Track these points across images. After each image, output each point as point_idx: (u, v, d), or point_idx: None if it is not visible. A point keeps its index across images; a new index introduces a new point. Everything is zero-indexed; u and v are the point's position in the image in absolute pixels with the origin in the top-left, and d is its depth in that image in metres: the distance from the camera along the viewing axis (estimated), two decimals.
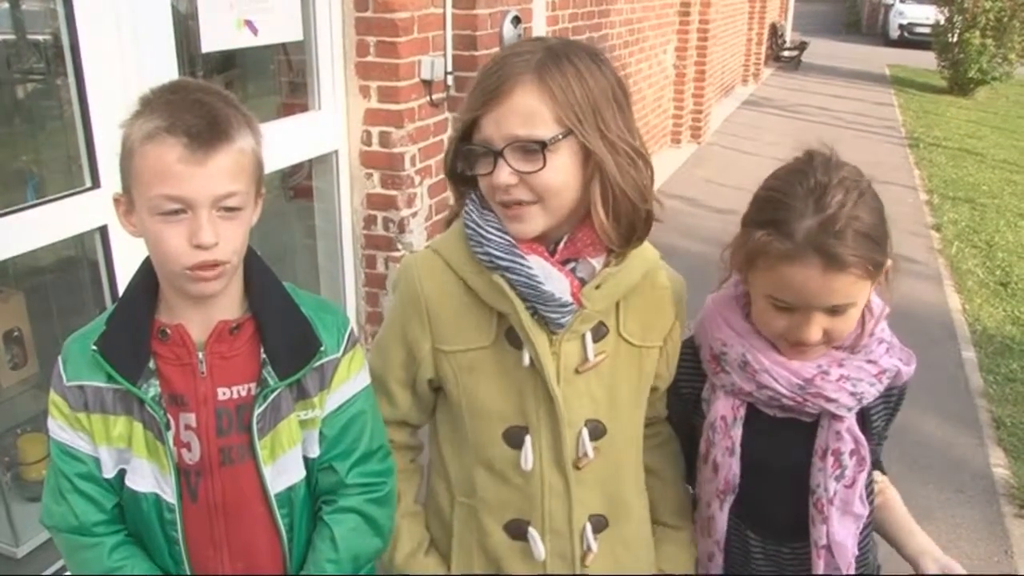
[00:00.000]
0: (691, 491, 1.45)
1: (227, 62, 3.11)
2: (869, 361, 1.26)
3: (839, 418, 1.25)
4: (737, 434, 1.30)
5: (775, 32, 15.92)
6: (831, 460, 1.26)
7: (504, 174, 1.11)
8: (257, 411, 1.15)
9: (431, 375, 1.27)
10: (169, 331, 1.14)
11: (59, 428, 1.16)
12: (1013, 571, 2.71)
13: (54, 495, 1.17)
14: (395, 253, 3.29)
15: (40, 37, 2.56)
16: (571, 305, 1.16)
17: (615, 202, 1.13)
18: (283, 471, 1.20)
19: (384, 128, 3.14)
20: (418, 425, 1.38)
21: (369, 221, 3.28)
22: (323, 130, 3.11)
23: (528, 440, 1.22)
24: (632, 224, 1.16)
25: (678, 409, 1.42)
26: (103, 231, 2.22)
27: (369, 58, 3.08)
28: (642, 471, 1.37)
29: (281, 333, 1.18)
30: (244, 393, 1.16)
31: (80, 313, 2.62)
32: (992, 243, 6.12)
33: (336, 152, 3.18)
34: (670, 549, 1.40)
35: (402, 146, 3.15)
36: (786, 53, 16.29)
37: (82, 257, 2.47)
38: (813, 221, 1.14)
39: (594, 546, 1.27)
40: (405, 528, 1.33)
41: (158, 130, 1.04)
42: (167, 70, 2.36)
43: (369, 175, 3.21)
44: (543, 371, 1.19)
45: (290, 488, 1.21)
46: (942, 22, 14.24)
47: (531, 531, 1.25)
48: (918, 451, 3.29)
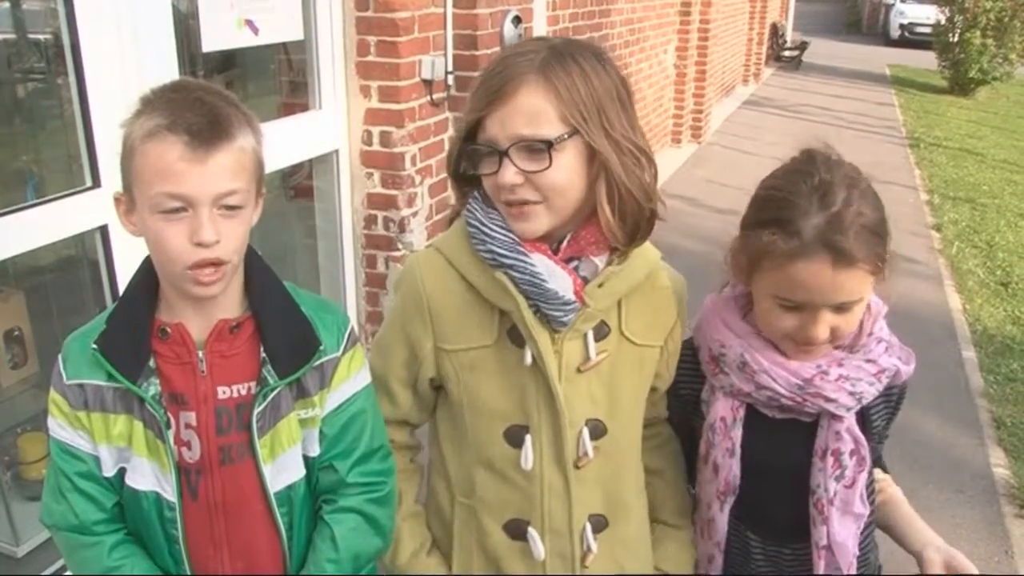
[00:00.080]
0: (692, 492, 1.45)
1: (227, 62, 3.11)
2: (868, 360, 1.26)
3: (839, 418, 1.25)
4: (737, 435, 1.29)
5: (776, 32, 15.91)
6: (831, 460, 1.26)
7: (510, 174, 1.11)
8: (257, 410, 1.15)
9: (432, 374, 1.27)
10: (169, 330, 1.14)
11: (59, 427, 1.16)
12: (1013, 571, 2.71)
13: (54, 494, 1.17)
14: (395, 253, 3.29)
15: (40, 36, 2.56)
16: (574, 303, 1.16)
17: (621, 201, 1.14)
18: (283, 470, 1.20)
19: (385, 128, 3.14)
20: (418, 424, 1.38)
21: (369, 221, 3.28)
22: (324, 130, 3.11)
23: (528, 439, 1.22)
24: (636, 223, 1.16)
25: (678, 410, 1.41)
26: (103, 231, 2.23)
27: (370, 58, 3.08)
28: (642, 471, 1.37)
29: (281, 332, 1.18)
30: (244, 392, 1.16)
31: (80, 313, 2.62)
32: (992, 243, 6.12)
33: (336, 152, 3.18)
34: (670, 547, 1.40)
35: (403, 146, 3.15)
36: (787, 53, 16.28)
37: (82, 257, 2.47)
38: (820, 218, 1.13)
39: (594, 546, 1.27)
40: (407, 530, 1.33)
41: (159, 128, 1.04)
42: (167, 70, 2.36)
43: (370, 175, 3.21)
44: (545, 369, 1.19)
45: (290, 487, 1.21)
46: (943, 22, 14.23)
47: (531, 531, 1.25)
48: (918, 451, 3.29)
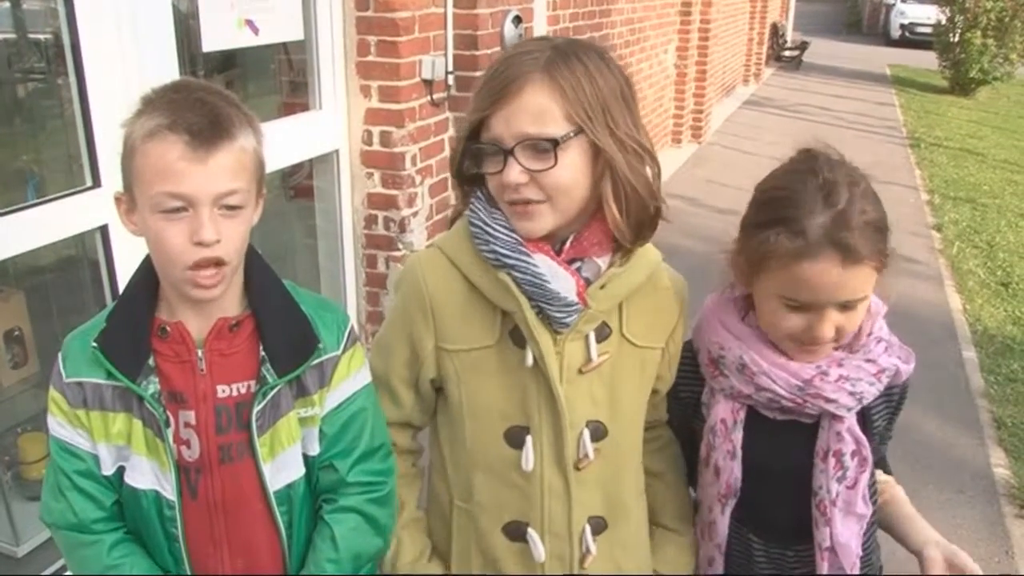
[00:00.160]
0: (693, 494, 1.44)
1: (228, 61, 3.11)
2: (868, 360, 1.26)
3: (839, 419, 1.24)
4: (738, 437, 1.29)
5: (776, 32, 15.91)
6: (832, 461, 1.25)
7: (515, 172, 1.11)
8: (256, 408, 1.15)
9: (433, 375, 1.27)
10: (169, 328, 1.14)
11: (58, 425, 1.16)
12: (1014, 571, 2.71)
13: (53, 492, 1.17)
14: (396, 253, 3.29)
15: (41, 36, 2.57)
16: (576, 305, 1.16)
17: (627, 199, 1.14)
18: (282, 468, 1.20)
19: (385, 127, 3.14)
20: (421, 427, 1.37)
21: (370, 220, 3.28)
22: (324, 129, 3.11)
23: (529, 440, 1.21)
24: (641, 221, 1.17)
25: (678, 413, 1.41)
26: (104, 230, 2.23)
27: (370, 57, 3.08)
28: (642, 474, 1.36)
29: (280, 331, 1.18)
30: (243, 390, 1.16)
31: (80, 312, 2.62)
32: (993, 243, 6.11)
33: (337, 151, 3.18)
34: (669, 552, 1.39)
35: (403, 146, 3.15)
36: (787, 53, 16.28)
37: (83, 256, 2.47)
38: (826, 217, 1.14)
39: (593, 548, 1.26)
40: (408, 536, 1.32)
41: (160, 128, 1.04)
42: (168, 69, 2.36)
43: (370, 174, 3.21)
44: (547, 370, 1.18)
45: (289, 485, 1.21)
46: (943, 22, 14.22)
47: (530, 532, 1.24)
48: (919, 451, 3.28)
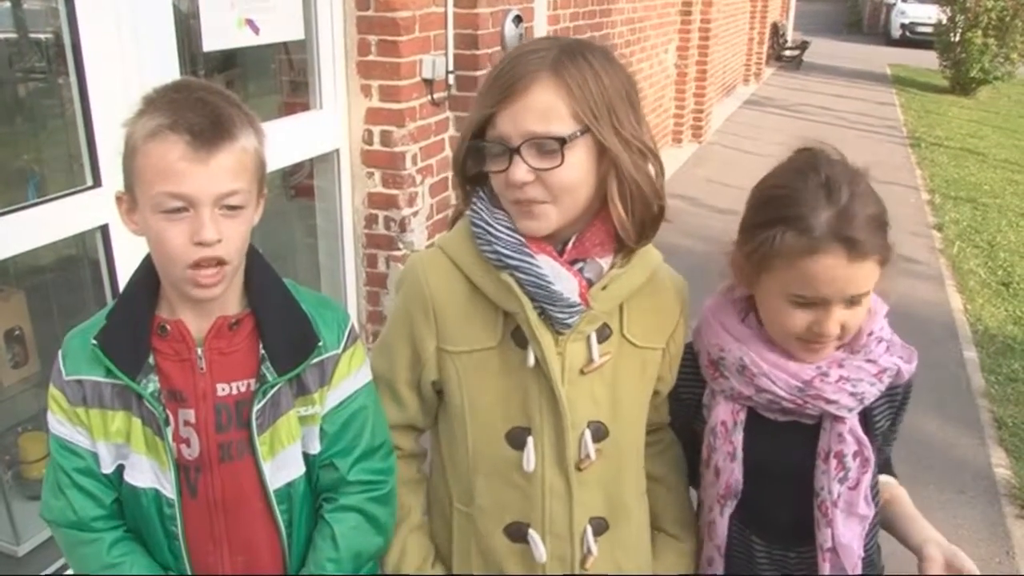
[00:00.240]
0: (696, 495, 1.44)
1: (228, 61, 3.11)
2: (869, 361, 1.25)
3: (841, 420, 1.24)
4: (738, 439, 1.29)
5: (776, 31, 15.90)
6: (834, 462, 1.25)
7: (521, 171, 1.10)
8: (256, 407, 1.15)
9: (434, 376, 1.26)
10: (169, 327, 1.14)
11: (58, 423, 1.16)
12: (1014, 572, 2.71)
13: (53, 490, 1.17)
14: (396, 252, 3.29)
15: (41, 36, 2.57)
16: (579, 306, 1.16)
17: (631, 199, 1.14)
18: (282, 467, 1.20)
19: (385, 127, 3.14)
20: (424, 429, 1.37)
21: (370, 220, 3.27)
22: (324, 129, 3.10)
23: (530, 441, 1.21)
24: (644, 220, 1.17)
25: (679, 415, 1.41)
26: (104, 230, 2.23)
27: (370, 57, 3.08)
28: (643, 474, 1.36)
29: (280, 329, 1.18)
30: (243, 389, 1.16)
31: (81, 312, 2.62)
32: (994, 243, 6.11)
33: (337, 151, 3.18)
34: (669, 559, 1.39)
35: (403, 145, 3.15)
36: (787, 53, 16.27)
37: (83, 256, 2.47)
38: (830, 213, 1.14)
39: (594, 549, 1.26)
40: (413, 542, 1.32)
41: (161, 128, 1.04)
42: (168, 69, 2.36)
43: (370, 174, 3.21)
44: (548, 371, 1.18)
45: (289, 484, 1.21)
46: (944, 21, 14.21)
47: (531, 533, 1.24)
48: (919, 451, 3.28)
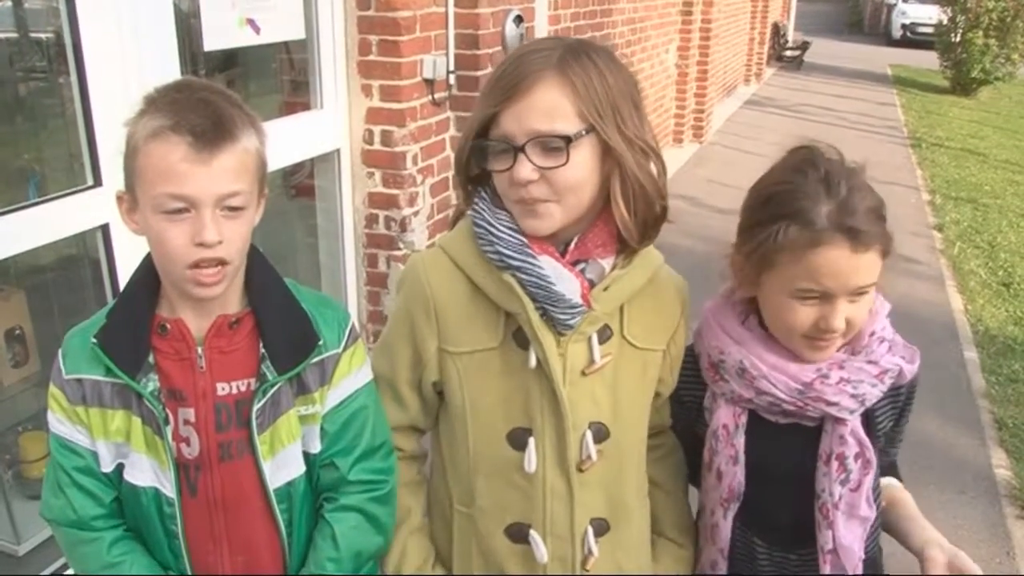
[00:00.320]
0: (698, 497, 1.44)
1: (229, 60, 3.11)
2: (870, 362, 1.25)
3: (843, 422, 1.24)
4: (740, 442, 1.29)
5: (777, 32, 15.90)
6: (835, 464, 1.24)
7: (526, 170, 1.10)
8: (256, 406, 1.15)
9: (435, 378, 1.26)
10: (169, 326, 1.14)
11: (58, 421, 1.16)
12: (1015, 572, 2.71)
13: (53, 489, 1.17)
14: (397, 252, 3.29)
15: (42, 35, 2.57)
16: (581, 307, 1.16)
17: (635, 198, 1.14)
18: (282, 466, 1.20)
19: (386, 127, 3.14)
20: (425, 430, 1.36)
21: (371, 220, 3.27)
22: (325, 129, 3.10)
23: (532, 442, 1.21)
24: (647, 221, 1.17)
25: (681, 418, 1.41)
26: (104, 229, 2.23)
27: (371, 57, 3.08)
28: (645, 476, 1.35)
29: (280, 328, 1.18)
30: (243, 388, 1.16)
31: (81, 311, 2.62)
32: (994, 244, 6.10)
33: (338, 151, 3.18)
34: (667, 564, 1.39)
35: (404, 145, 3.15)
36: (788, 53, 16.26)
37: (84, 255, 2.47)
38: (831, 205, 1.15)
39: (595, 550, 1.26)
40: (413, 544, 1.32)
41: (163, 129, 1.04)
42: (169, 68, 2.35)
43: (371, 174, 3.21)
44: (550, 372, 1.18)
45: (289, 483, 1.21)
46: (945, 22, 14.20)
47: (532, 534, 1.23)
48: (919, 452, 3.28)
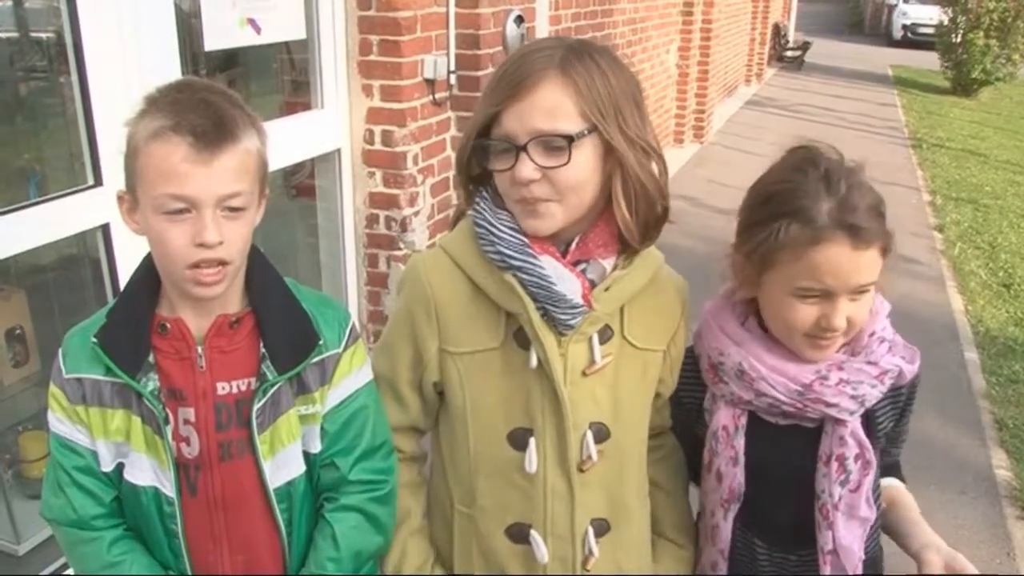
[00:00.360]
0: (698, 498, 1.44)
1: (230, 60, 3.11)
2: (869, 363, 1.25)
3: (843, 423, 1.24)
4: (740, 444, 1.29)
5: (778, 32, 15.90)
6: (835, 465, 1.24)
7: (528, 169, 1.10)
8: (256, 406, 1.15)
9: (436, 378, 1.26)
10: (169, 325, 1.14)
11: (58, 421, 1.16)
12: (1015, 573, 2.71)
13: (53, 488, 1.17)
14: (397, 252, 3.29)
15: (43, 35, 2.57)
16: (582, 307, 1.16)
17: (636, 198, 1.14)
18: (282, 466, 1.20)
19: (387, 127, 3.14)
20: (425, 430, 1.36)
21: (371, 220, 3.27)
22: (325, 129, 3.10)
23: (532, 442, 1.21)
24: (648, 221, 1.17)
25: (681, 419, 1.41)
26: (105, 229, 2.23)
27: (372, 57, 3.08)
28: (645, 476, 1.35)
29: (281, 328, 1.18)
30: (244, 388, 1.16)
31: (82, 311, 2.60)
32: (995, 244, 6.10)
33: (338, 151, 3.18)
34: (667, 564, 1.39)
35: (404, 145, 3.15)
36: (789, 53, 16.26)
37: (84, 255, 2.47)
38: (832, 203, 1.15)
39: (596, 550, 1.26)
40: (412, 545, 1.32)
41: (163, 129, 1.04)
42: (170, 68, 2.36)
43: (371, 174, 3.21)
44: (551, 372, 1.18)
45: (289, 483, 1.21)
46: (946, 22, 14.20)
47: (533, 534, 1.23)
48: (920, 452, 3.27)
